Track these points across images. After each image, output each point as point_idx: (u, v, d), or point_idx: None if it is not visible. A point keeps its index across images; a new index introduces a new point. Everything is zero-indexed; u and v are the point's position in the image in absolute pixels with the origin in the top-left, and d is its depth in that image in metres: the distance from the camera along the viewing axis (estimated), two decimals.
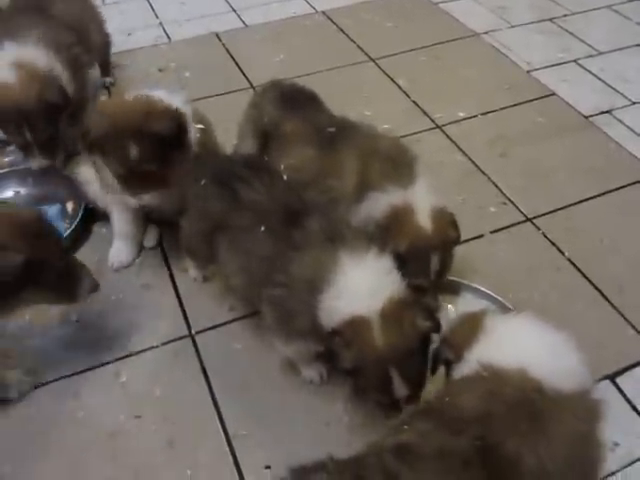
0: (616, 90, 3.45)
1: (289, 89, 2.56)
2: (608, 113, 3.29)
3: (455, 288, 2.34)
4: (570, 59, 3.70)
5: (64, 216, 2.66)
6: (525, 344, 1.59)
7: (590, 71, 3.59)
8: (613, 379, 2.13)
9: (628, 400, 2.09)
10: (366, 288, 1.79)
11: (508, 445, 1.40)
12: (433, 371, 1.83)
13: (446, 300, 2.30)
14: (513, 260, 2.52)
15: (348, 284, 1.79)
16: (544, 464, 1.40)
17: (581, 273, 2.48)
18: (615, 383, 2.12)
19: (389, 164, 2.21)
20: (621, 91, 3.44)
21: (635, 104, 3.35)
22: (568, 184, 2.87)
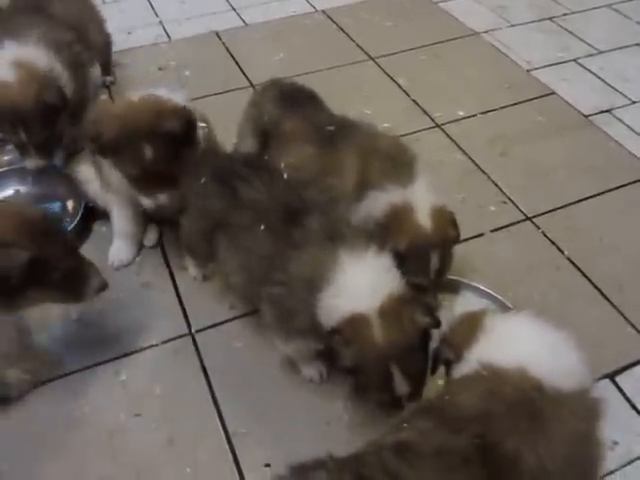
0: (616, 89, 3.45)
1: (289, 88, 2.56)
2: (608, 112, 3.29)
3: (455, 287, 2.34)
4: (570, 58, 3.70)
5: (64, 214, 2.65)
6: (525, 343, 1.59)
7: (590, 70, 3.60)
8: (613, 378, 2.14)
9: (627, 399, 2.09)
10: (365, 286, 1.79)
11: (508, 444, 1.40)
12: (433, 371, 1.83)
13: (446, 299, 2.30)
14: (513, 259, 2.52)
15: (347, 282, 1.79)
16: (544, 463, 1.40)
17: (581, 272, 2.48)
18: (615, 382, 2.13)
19: (389, 163, 2.21)
20: (621, 90, 3.44)
21: (635, 103, 3.35)
22: (568, 183, 2.87)
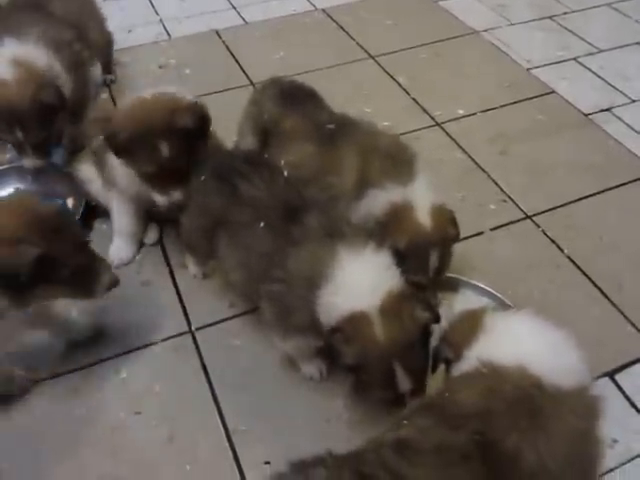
0: (616, 88, 3.45)
1: (289, 86, 2.56)
2: (608, 111, 3.29)
3: (455, 285, 2.35)
4: (570, 57, 3.70)
5: None
6: (525, 341, 1.59)
7: (590, 69, 3.60)
8: (612, 376, 2.14)
9: (627, 397, 2.09)
10: (365, 284, 1.79)
11: (507, 441, 1.41)
12: (433, 369, 1.83)
13: (446, 297, 2.30)
14: (513, 257, 2.52)
15: (346, 280, 1.79)
16: (543, 460, 1.41)
17: (581, 270, 2.48)
18: (614, 380, 2.13)
19: (389, 161, 2.21)
20: (621, 89, 3.44)
21: (635, 102, 3.35)
22: (568, 182, 2.87)
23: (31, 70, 2.48)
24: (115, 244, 2.51)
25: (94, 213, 2.64)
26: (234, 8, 4.16)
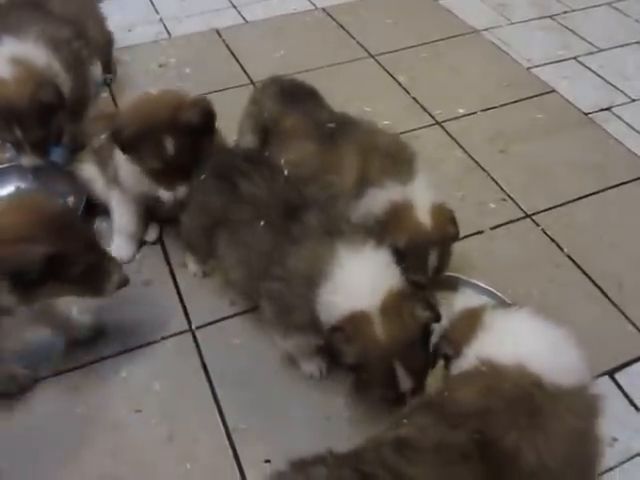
0: (616, 87, 3.45)
1: (289, 85, 2.57)
2: (608, 110, 3.29)
3: (455, 284, 2.35)
4: (570, 56, 3.70)
5: None
6: (524, 339, 1.59)
7: (590, 68, 3.60)
8: (612, 375, 2.14)
9: (627, 396, 2.10)
10: (365, 282, 1.79)
11: (507, 440, 1.41)
12: (432, 365, 1.84)
13: (445, 296, 2.31)
14: (512, 256, 2.52)
15: (346, 278, 1.79)
16: (543, 459, 1.41)
17: (580, 269, 2.48)
18: (614, 379, 2.13)
19: (389, 160, 2.21)
20: (621, 88, 3.44)
21: (635, 101, 3.35)
22: (568, 181, 2.87)
23: (30, 69, 2.47)
24: (115, 243, 2.51)
25: (94, 212, 2.64)
26: (234, 7, 4.16)
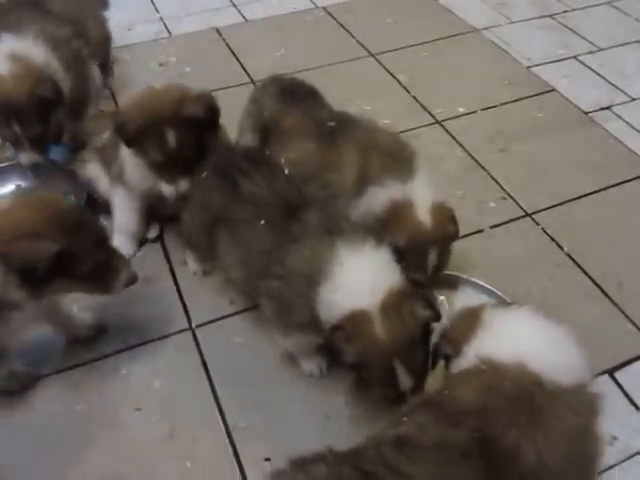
0: (616, 86, 3.45)
1: (289, 84, 2.57)
2: (608, 109, 3.29)
3: (455, 282, 2.35)
4: (570, 55, 3.70)
5: None
6: (524, 338, 1.59)
7: (590, 67, 3.60)
8: (612, 374, 2.14)
9: (626, 395, 2.10)
10: (365, 281, 1.79)
11: (507, 438, 1.41)
12: (433, 365, 1.84)
13: (445, 294, 2.31)
14: (512, 255, 2.53)
15: (346, 277, 1.79)
16: (542, 457, 1.41)
17: (580, 268, 2.49)
18: (614, 378, 2.13)
19: (388, 159, 2.21)
20: (621, 87, 3.44)
21: (635, 100, 3.36)
22: (568, 180, 2.88)
23: (28, 65, 2.47)
24: (115, 241, 2.50)
25: (95, 210, 2.63)
26: (234, 6, 4.16)
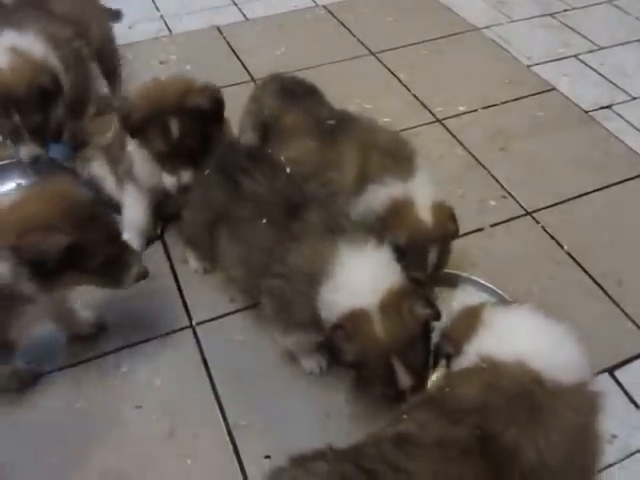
0: (616, 85, 3.45)
1: (290, 82, 2.57)
2: (608, 108, 3.30)
3: (455, 281, 2.35)
4: (570, 54, 3.70)
5: None
6: (525, 336, 1.60)
7: (590, 66, 3.60)
8: (612, 372, 2.14)
9: (626, 393, 2.10)
10: (365, 280, 1.79)
11: (507, 436, 1.41)
12: (434, 365, 1.84)
13: (446, 293, 2.31)
14: (512, 254, 2.53)
15: (347, 276, 1.80)
16: (542, 455, 1.41)
17: (580, 267, 2.49)
18: (614, 376, 2.14)
19: (389, 157, 2.21)
20: (621, 86, 3.44)
21: (635, 99, 3.36)
22: (568, 178, 2.88)
23: (28, 58, 2.49)
24: (125, 237, 2.50)
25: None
26: (235, 4, 4.16)
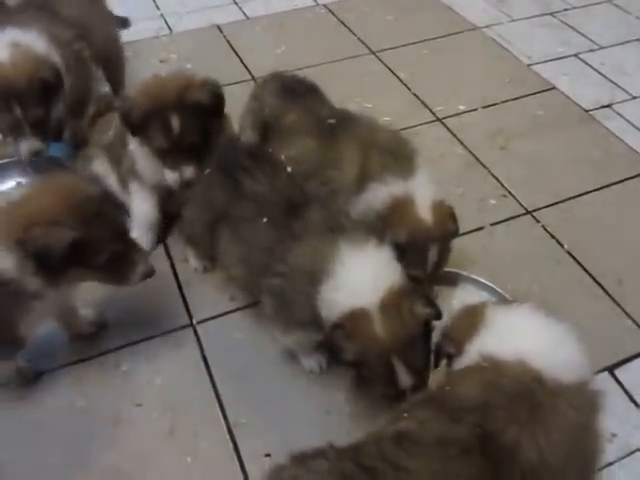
0: (616, 84, 3.45)
1: (290, 81, 2.57)
2: (608, 107, 3.30)
3: (455, 279, 2.35)
4: (571, 53, 3.70)
5: None
6: (525, 335, 1.60)
7: (590, 65, 3.60)
8: (612, 371, 2.15)
9: (626, 392, 2.10)
10: (366, 280, 1.79)
11: (507, 434, 1.41)
12: (436, 365, 1.83)
13: (446, 291, 2.31)
14: (513, 253, 2.53)
15: (347, 276, 1.80)
16: (543, 454, 1.41)
17: (580, 266, 2.49)
18: (614, 375, 2.14)
19: (389, 156, 2.22)
20: (621, 85, 3.44)
21: (635, 98, 3.36)
22: (568, 177, 2.88)
23: (29, 52, 2.49)
24: (135, 235, 2.49)
25: None
26: (235, 3, 4.16)
